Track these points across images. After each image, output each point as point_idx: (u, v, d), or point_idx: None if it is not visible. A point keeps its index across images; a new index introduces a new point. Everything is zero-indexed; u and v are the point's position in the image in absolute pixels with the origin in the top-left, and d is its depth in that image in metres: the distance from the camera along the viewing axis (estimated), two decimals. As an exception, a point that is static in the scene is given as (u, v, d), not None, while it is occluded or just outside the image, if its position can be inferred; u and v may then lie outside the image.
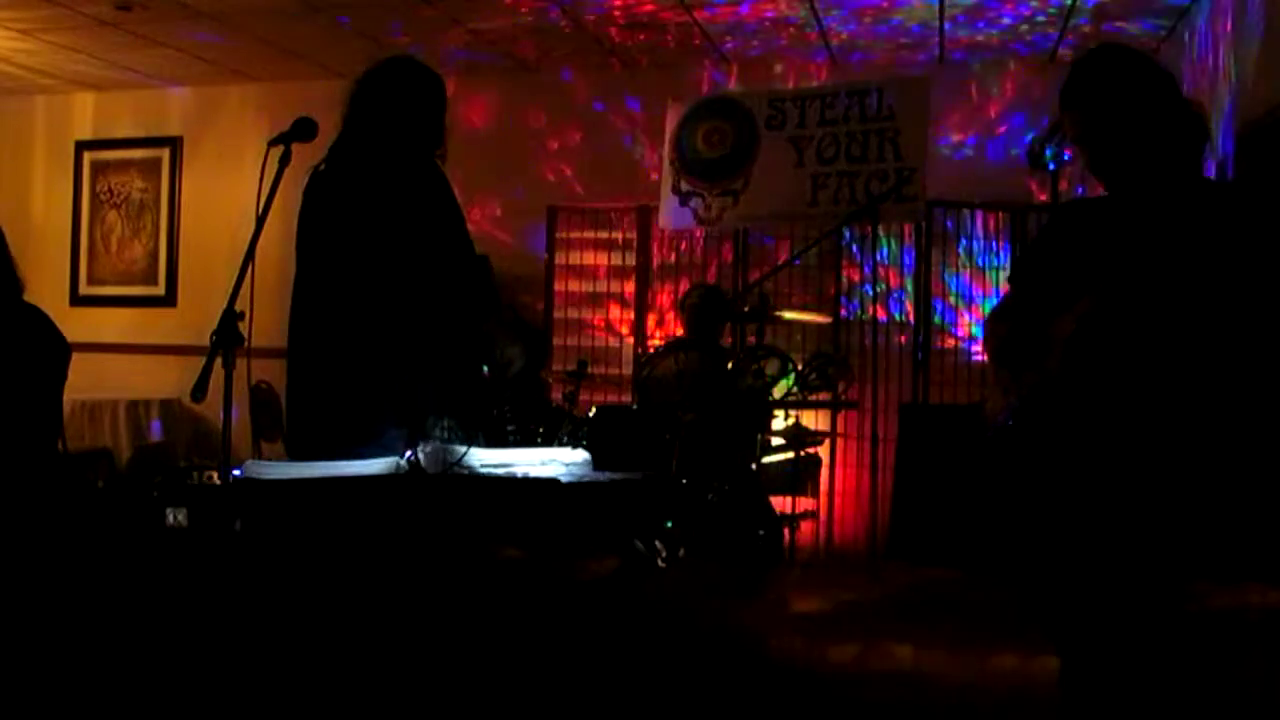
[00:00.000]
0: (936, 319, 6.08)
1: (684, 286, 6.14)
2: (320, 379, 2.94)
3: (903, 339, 5.98)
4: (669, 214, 5.92)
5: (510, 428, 3.02)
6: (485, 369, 2.89)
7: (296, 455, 2.89)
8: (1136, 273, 2.20)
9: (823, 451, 5.68)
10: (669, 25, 5.95)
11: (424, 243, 2.84)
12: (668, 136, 5.95)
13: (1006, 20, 5.65)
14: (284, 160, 2.54)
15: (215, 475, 2.10)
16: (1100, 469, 2.15)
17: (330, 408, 2.88)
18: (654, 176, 6.51)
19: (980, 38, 5.93)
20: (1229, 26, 4.64)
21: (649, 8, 5.70)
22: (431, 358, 2.82)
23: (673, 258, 6.56)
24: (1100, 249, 2.28)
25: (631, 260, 6.60)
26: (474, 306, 2.90)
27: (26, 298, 3.10)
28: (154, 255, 7.54)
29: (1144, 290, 2.18)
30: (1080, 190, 5.86)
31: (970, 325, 6.07)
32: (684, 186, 5.86)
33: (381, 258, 2.84)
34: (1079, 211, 2.46)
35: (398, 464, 2.29)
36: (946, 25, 5.77)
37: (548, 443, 4.45)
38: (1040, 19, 5.61)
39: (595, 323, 6.64)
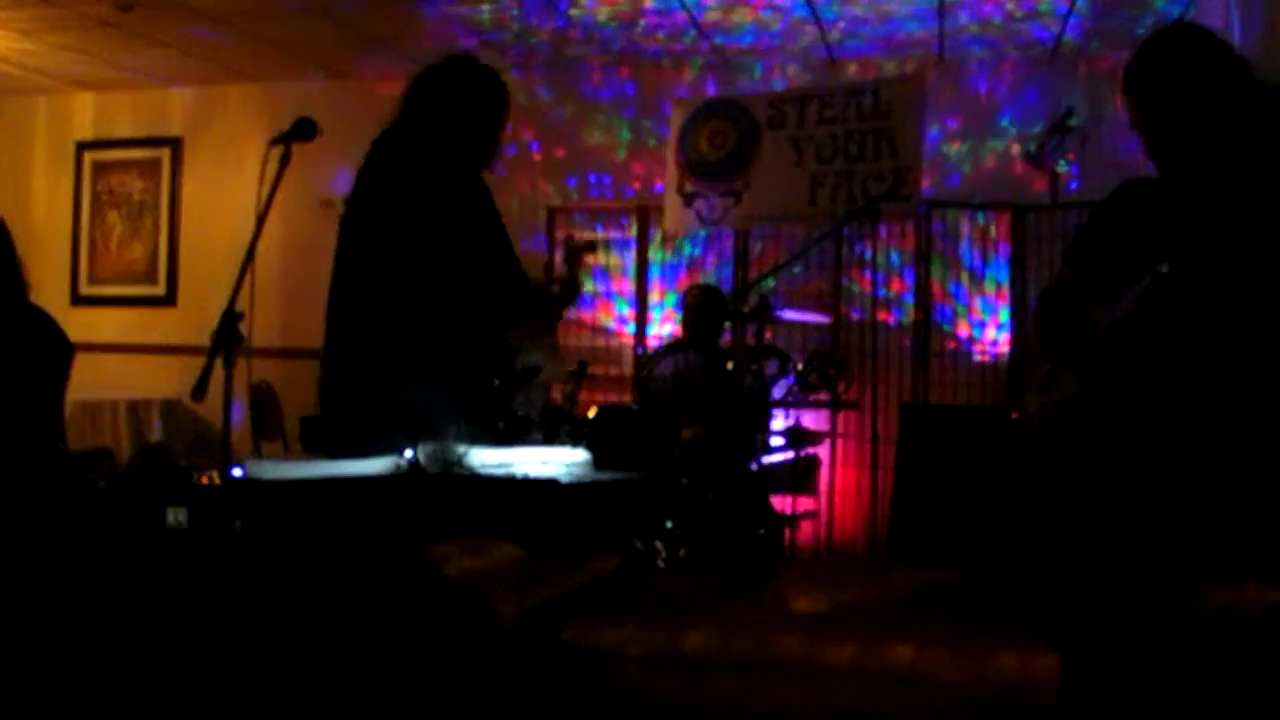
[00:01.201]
0: (936, 319, 6.08)
1: (684, 286, 6.14)
2: (338, 377, 2.93)
3: (902, 339, 5.98)
4: (674, 215, 5.94)
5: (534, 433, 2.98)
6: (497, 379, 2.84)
7: (309, 449, 2.89)
8: (1184, 265, 2.13)
9: (823, 451, 5.68)
10: (667, 25, 5.95)
11: (443, 251, 2.77)
12: (672, 138, 5.96)
13: (1005, 17, 5.65)
14: (284, 160, 2.54)
15: (215, 475, 2.10)
16: (1127, 470, 2.12)
17: (343, 407, 2.88)
18: (653, 176, 6.51)
19: (979, 35, 5.93)
20: (1232, 22, 4.64)
21: (647, 7, 5.71)
22: (444, 364, 2.79)
23: (672, 256, 6.56)
24: (1156, 235, 2.20)
25: (631, 260, 6.60)
26: (490, 317, 2.83)
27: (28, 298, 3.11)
28: (154, 255, 7.55)
29: (1190, 283, 2.12)
30: (1074, 186, 5.87)
31: (970, 325, 6.07)
32: (688, 188, 5.87)
33: (399, 264, 2.79)
34: (1137, 193, 2.38)
35: (398, 464, 2.29)
36: (946, 23, 5.77)
37: (548, 443, 4.45)
38: (1040, 16, 5.60)
39: (595, 323, 6.64)
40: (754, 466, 4.81)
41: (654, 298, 6.54)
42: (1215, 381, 2.09)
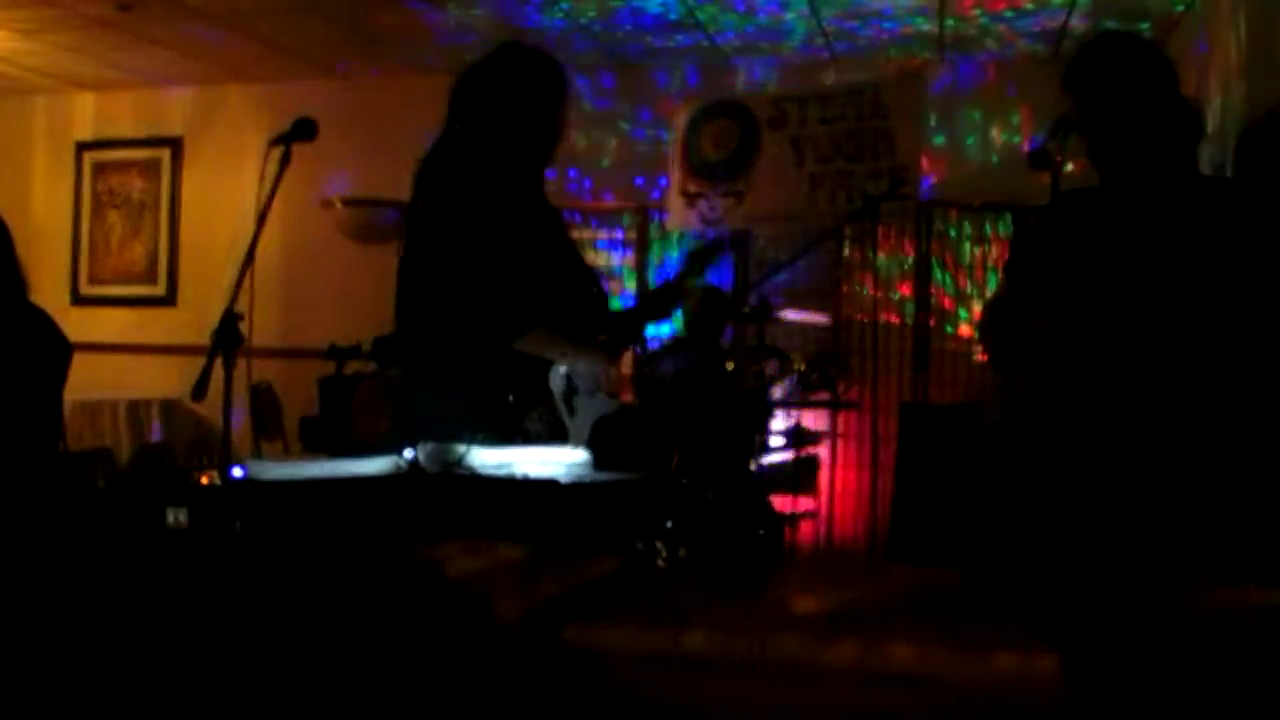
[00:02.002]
0: (936, 319, 6.08)
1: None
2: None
3: (903, 339, 5.98)
4: (676, 215, 5.93)
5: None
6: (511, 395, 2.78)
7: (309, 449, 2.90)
8: (1125, 270, 2.21)
9: (823, 451, 5.68)
10: (667, 23, 5.95)
11: (488, 260, 2.70)
12: (676, 138, 5.95)
13: (1006, 15, 5.65)
14: (284, 160, 2.54)
15: (215, 475, 2.10)
16: (1087, 467, 2.17)
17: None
18: (653, 176, 6.51)
19: (980, 34, 5.93)
20: (1230, 26, 4.64)
21: (647, 7, 5.71)
22: (464, 373, 2.76)
23: (671, 255, 6.57)
24: (1092, 243, 2.29)
25: (632, 260, 6.59)
26: (496, 325, 2.77)
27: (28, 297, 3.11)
28: (154, 255, 7.54)
29: (1132, 288, 2.19)
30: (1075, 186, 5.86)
31: (970, 325, 6.07)
32: (691, 188, 5.87)
33: (424, 267, 2.77)
34: (1073, 203, 2.48)
35: (397, 464, 2.29)
36: (946, 21, 5.77)
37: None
38: (1041, 14, 5.60)
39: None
40: (754, 466, 4.81)
41: (654, 298, 6.53)
42: (1169, 377, 2.15)
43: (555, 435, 2.76)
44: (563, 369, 2.78)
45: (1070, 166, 2.67)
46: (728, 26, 5.96)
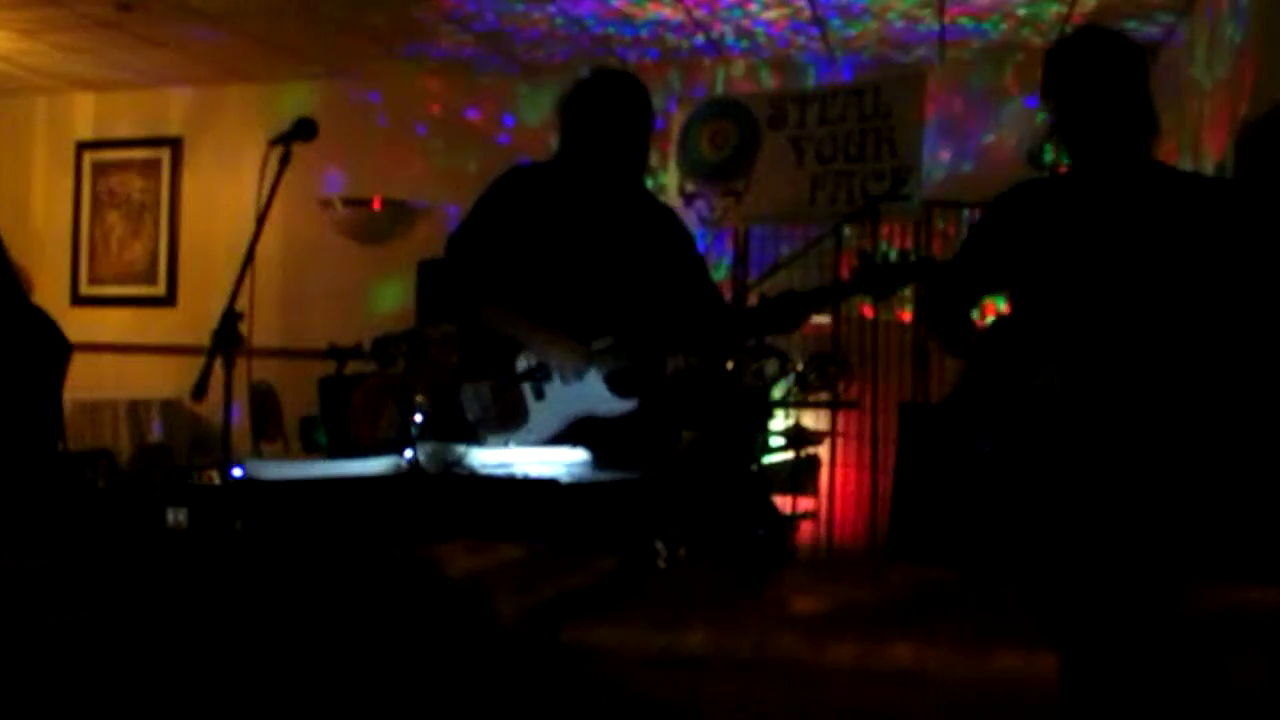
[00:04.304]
0: (936, 319, 6.07)
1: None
2: None
3: (903, 339, 5.97)
4: (676, 215, 5.93)
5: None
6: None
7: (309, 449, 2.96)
8: (1093, 262, 2.24)
9: (823, 451, 5.68)
10: (665, 23, 5.95)
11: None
12: (674, 138, 5.95)
13: (1007, 18, 5.65)
14: (284, 160, 2.54)
15: (215, 475, 2.10)
16: (1076, 467, 2.18)
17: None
18: (651, 175, 6.51)
19: (980, 35, 5.93)
20: (1231, 25, 4.64)
21: (647, 5, 5.71)
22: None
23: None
24: (1057, 232, 2.34)
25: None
26: (453, 293, 2.90)
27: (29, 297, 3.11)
28: (154, 255, 7.54)
29: (1103, 279, 2.23)
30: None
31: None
32: (689, 188, 5.86)
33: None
34: (1036, 192, 2.51)
35: (398, 464, 2.29)
36: (946, 22, 5.77)
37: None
38: (1041, 17, 5.61)
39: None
40: (754, 467, 4.81)
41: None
42: (1148, 371, 2.17)
43: (505, 413, 2.81)
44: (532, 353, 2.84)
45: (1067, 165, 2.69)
46: (725, 25, 5.95)
